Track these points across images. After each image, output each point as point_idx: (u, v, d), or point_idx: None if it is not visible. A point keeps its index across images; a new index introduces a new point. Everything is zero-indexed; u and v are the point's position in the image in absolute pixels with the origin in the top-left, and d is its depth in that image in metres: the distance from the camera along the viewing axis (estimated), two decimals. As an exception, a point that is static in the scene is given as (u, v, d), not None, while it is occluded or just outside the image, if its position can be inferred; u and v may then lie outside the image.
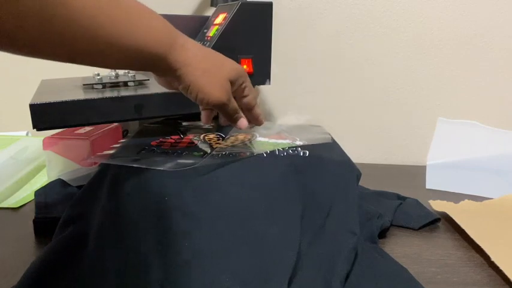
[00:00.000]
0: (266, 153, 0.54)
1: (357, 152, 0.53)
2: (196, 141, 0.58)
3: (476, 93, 0.90)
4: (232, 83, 0.47)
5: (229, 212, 0.46)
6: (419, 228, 0.60)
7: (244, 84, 0.49)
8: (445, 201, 0.67)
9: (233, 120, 0.50)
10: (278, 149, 0.55)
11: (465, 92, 0.90)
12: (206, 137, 0.61)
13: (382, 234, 0.57)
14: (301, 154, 0.55)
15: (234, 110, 0.49)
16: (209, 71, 0.45)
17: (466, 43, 0.88)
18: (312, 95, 0.92)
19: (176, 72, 0.43)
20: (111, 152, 0.58)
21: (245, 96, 0.51)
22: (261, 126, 0.56)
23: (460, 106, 0.91)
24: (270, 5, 0.67)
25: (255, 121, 0.54)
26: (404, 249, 0.55)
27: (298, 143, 0.60)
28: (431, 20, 0.87)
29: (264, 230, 0.44)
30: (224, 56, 0.48)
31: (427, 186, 0.78)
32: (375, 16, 0.88)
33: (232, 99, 0.48)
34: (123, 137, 0.77)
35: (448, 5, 0.86)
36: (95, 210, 0.48)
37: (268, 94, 0.93)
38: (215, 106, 0.47)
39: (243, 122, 0.51)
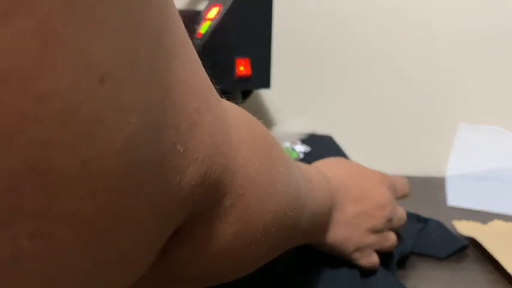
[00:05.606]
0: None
1: (367, 162, 0.50)
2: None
3: (502, 95, 0.82)
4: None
5: None
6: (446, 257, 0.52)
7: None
8: (471, 222, 0.59)
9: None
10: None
11: (489, 94, 0.82)
12: None
13: (401, 264, 0.49)
14: None
15: None
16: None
17: (490, 38, 0.79)
18: (317, 101, 0.85)
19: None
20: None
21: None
22: None
23: (484, 110, 0.83)
24: (271, -4, 0.59)
25: None
26: (430, 285, 0.47)
27: (299, 148, 0.53)
28: (450, 11, 0.78)
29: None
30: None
31: (449, 203, 0.69)
32: (382, 8, 0.79)
33: None
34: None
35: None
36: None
37: (269, 99, 0.86)
38: None
39: None
